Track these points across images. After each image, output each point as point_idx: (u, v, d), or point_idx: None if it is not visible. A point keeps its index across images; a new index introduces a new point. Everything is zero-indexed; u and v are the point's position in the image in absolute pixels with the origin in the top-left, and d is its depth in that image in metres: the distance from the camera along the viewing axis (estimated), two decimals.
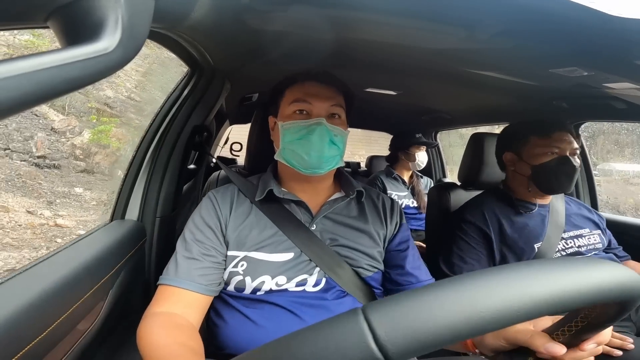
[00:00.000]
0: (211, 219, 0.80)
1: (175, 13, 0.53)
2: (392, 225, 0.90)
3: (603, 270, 0.32)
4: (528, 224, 1.13)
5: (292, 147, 0.80)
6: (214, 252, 0.76)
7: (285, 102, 0.85)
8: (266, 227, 0.80)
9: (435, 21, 0.69)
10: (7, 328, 0.48)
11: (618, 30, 0.59)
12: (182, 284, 0.72)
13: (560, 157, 1.07)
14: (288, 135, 0.81)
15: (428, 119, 2.30)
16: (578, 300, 0.29)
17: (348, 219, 0.86)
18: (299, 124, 0.80)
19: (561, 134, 1.08)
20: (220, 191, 0.86)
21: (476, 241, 1.12)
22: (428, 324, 0.26)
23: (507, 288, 0.28)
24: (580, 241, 1.13)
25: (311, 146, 0.78)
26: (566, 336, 0.44)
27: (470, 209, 1.20)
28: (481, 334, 0.27)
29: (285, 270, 0.77)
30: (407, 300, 0.27)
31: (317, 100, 0.81)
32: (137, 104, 5.44)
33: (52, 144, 4.05)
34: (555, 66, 0.89)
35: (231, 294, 0.78)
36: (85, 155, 4.25)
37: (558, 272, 0.30)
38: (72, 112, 4.70)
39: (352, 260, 0.82)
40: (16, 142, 3.72)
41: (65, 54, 0.24)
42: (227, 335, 0.77)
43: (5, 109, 0.21)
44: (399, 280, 0.85)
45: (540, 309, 0.28)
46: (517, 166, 1.17)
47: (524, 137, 1.14)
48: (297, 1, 0.65)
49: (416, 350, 0.26)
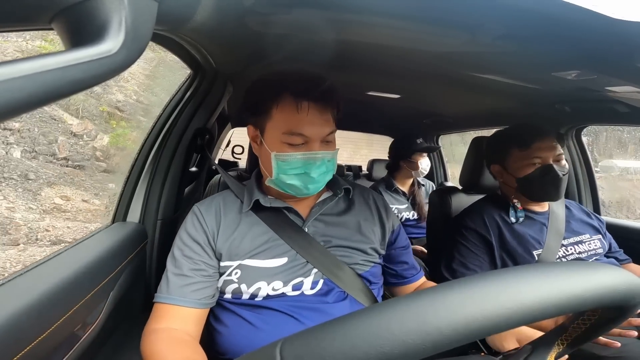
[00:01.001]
0: (197, 233, 0.78)
1: (178, 15, 0.53)
2: (390, 224, 0.91)
3: (600, 275, 0.32)
4: (527, 231, 1.12)
5: (289, 180, 0.76)
6: (203, 266, 0.76)
7: (273, 127, 0.76)
8: (258, 233, 0.80)
9: (437, 25, 0.69)
10: (8, 328, 0.48)
11: (620, 34, 0.59)
12: (176, 301, 0.72)
13: (543, 166, 1.06)
14: (283, 168, 0.75)
15: (430, 123, 2.29)
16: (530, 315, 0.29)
17: (339, 218, 0.86)
18: (295, 156, 0.74)
19: (541, 142, 1.07)
20: (204, 204, 0.84)
21: (477, 247, 1.12)
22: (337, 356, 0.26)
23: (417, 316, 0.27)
24: (581, 247, 1.12)
25: (309, 180, 0.76)
26: (569, 340, 0.43)
27: (470, 214, 1.19)
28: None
29: (279, 274, 0.76)
30: (319, 333, 0.28)
31: (313, 131, 0.74)
32: (146, 107, 5.73)
33: (71, 146, 4.56)
34: (557, 69, 0.89)
35: (229, 300, 0.78)
36: (105, 157, 4.77)
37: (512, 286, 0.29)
38: (85, 115, 5.05)
39: (347, 258, 0.82)
40: (41, 145, 4.27)
41: (69, 55, 0.24)
42: (227, 340, 0.77)
43: (10, 110, 0.21)
44: (405, 274, 0.94)
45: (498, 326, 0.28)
46: (504, 178, 1.17)
47: (505, 150, 1.14)
48: (300, 4, 0.65)
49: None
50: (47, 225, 3.42)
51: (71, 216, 3.73)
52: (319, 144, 0.76)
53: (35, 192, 3.70)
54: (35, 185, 3.77)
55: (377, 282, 0.88)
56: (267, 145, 0.77)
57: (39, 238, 3.30)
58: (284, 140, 0.74)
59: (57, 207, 3.71)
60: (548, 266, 0.32)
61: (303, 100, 0.73)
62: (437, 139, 2.80)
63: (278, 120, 0.75)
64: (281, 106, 0.74)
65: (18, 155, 4.06)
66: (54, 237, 3.37)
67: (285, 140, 0.74)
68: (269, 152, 0.76)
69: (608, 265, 0.33)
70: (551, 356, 0.46)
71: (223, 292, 0.78)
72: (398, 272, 0.93)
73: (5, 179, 3.66)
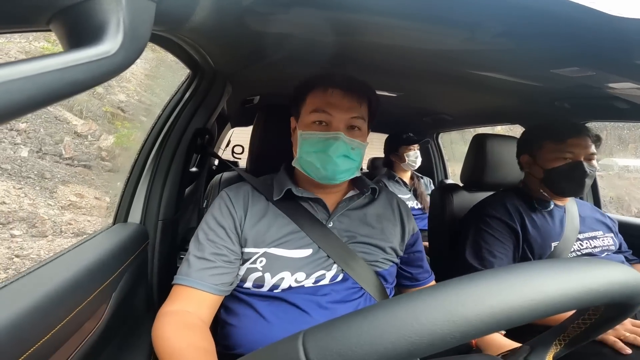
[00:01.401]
0: (223, 218, 0.80)
1: (176, 16, 0.53)
2: (410, 228, 0.94)
3: (603, 271, 0.32)
4: (547, 222, 1.15)
5: (308, 157, 0.81)
6: (225, 252, 0.77)
7: (305, 110, 0.84)
8: (284, 224, 0.82)
9: (436, 23, 0.69)
10: (11, 330, 0.48)
11: (619, 31, 0.59)
12: (194, 283, 0.73)
13: (573, 162, 1.08)
14: (305, 146, 0.81)
15: (429, 121, 2.29)
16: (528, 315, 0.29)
17: (364, 216, 0.89)
18: (317, 135, 0.80)
19: (577, 139, 1.09)
20: (232, 190, 0.87)
21: (503, 235, 1.13)
22: (356, 350, 0.26)
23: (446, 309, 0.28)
24: (595, 242, 1.15)
25: (327, 159, 0.79)
26: (567, 340, 0.43)
27: (493, 204, 1.21)
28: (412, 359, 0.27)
29: (304, 266, 0.78)
30: (342, 324, 0.28)
31: (337, 112, 0.80)
32: (148, 107, 5.88)
33: (76, 146, 4.76)
34: (556, 67, 0.89)
35: (246, 292, 0.79)
36: (111, 157, 4.97)
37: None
38: (89, 116, 5.20)
39: (369, 255, 0.84)
40: (48, 145, 4.46)
41: (68, 57, 0.24)
42: (237, 332, 0.77)
43: (9, 112, 0.21)
44: (418, 277, 0.98)
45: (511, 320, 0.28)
46: (531, 169, 1.19)
47: (538, 141, 1.16)
48: (298, 3, 0.65)
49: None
50: (69, 219, 3.74)
51: (87, 212, 4.01)
52: (344, 127, 0.81)
53: (51, 190, 3.97)
54: (51, 184, 4.03)
55: (391, 283, 0.91)
56: (298, 130, 0.84)
57: (63, 230, 3.60)
58: (312, 120, 0.81)
59: (73, 203, 3.98)
60: (568, 261, 0.32)
61: (330, 85, 0.82)
62: (437, 137, 2.80)
63: (309, 103, 0.83)
64: (314, 92, 0.83)
65: (25, 154, 4.24)
66: (77, 229, 3.68)
67: (313, 119, 0.81)
68: (299, 136, 0.83)
69: (616, 263, 0.34)
70: (549, 356, 0.46)
71: (244, 280, 0.79)
72: (413, 275, 0.97)
73: (24, 177, 3.93)
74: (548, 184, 1.14)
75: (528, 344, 0.48)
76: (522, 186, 1.26)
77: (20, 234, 3.32)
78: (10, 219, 3.38)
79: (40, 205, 3.71)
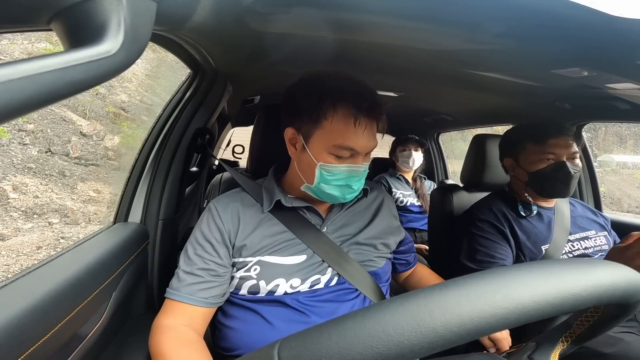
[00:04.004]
0: (210, 232, 0.78)
1: (177, 15, 0.53)
2: (398, 222, 0.97)
3: (604, 271, 0.31)
4: (535, 225, 1.13)
5: (328, 189, 0.76)
6: (213, 266, 0.76)
7: (323, 137, 0.74)
8: (278, 231, 0.81)
9: (437, 23, 0.69)
10: (10, 330, 0.48)
11: (620, 31, 0.59)
12: (184, 298, 0.73)
13: (556, 163, 1.07)
14: (326, 177, 0.75)
15: (430, 121, 2.29)
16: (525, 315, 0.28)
17: (356, 217, 0.88)
18: (340, 169, 0.74)
19: (557, 139, 1.08)
20: (222, 201, 0.83)
21: (496, 237, 1.13)
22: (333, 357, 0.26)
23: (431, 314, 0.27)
24: (587, 243, 1.14)
25: (348, 190, 0.77)
26: (573, 337, 0.43)
27: (480, 208, 1.20)
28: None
29: (298, 272, 0.78)
30: (316, 334, 0.28)
31: (364, 146, 0.75)
32: (149, 107, 6.03)
33: (82, 146, 5.00)
34: (557, 67, 0.88)
35: (243, 297, 0.79)
36: (117, 156, 5.20)
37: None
38: (92, 116, 5.39)
39: (361, 255, 0.84)
40: (56, 145, 4.72)
41: (68, 56, 0.24)
42: (236, 335, 0.77)
43: (10, 112, 0.21)
44: (410, 260, 1.04)
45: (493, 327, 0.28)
46: (515, 172, 1.18)
47: (520, 144, 1.15)
48: (299, 3, 0.65)
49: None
50: (94, 210, 4.13)
51: (106, 205, 4.41)
52: (363, 156, 0.77)
53: (72, 187, 4.34)
54: (71, 181, 4.38)
55: (386, 281, 0.91)
56: (312, 153, 0.75)
57: (91, 219, 4.02)
58: (332, 152, 0.74)
59: (92, 198, 4.35)
60: (545, 264, 0.31)
61: (360, 115, 0.71)
62: (437, 137, 2.80)
63: (331, 131, 0.73)
64: (337, 118, 0.72)
65: (35, 154, 4.52)
66: (101, 218, 4.14)
67: (334, 152, 0.74)
68: (314, 161, 0.75)
69: (610, 262, 0.33)
70: (555, 353, 0.46)
71: (239, 288, 0.78)
72: (408, 260, 1.03)
73: (47, 175, 4.26)
74: (533, 186, 1.13)
75: (534, 341, 0.48)
76: (508, 190, 1.25)
77: (57, 222, 3.76)
78: (44, 210, 3.82)
79: (66, 199, 4.09)
